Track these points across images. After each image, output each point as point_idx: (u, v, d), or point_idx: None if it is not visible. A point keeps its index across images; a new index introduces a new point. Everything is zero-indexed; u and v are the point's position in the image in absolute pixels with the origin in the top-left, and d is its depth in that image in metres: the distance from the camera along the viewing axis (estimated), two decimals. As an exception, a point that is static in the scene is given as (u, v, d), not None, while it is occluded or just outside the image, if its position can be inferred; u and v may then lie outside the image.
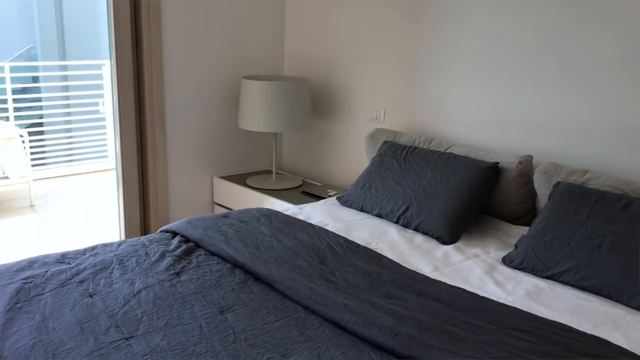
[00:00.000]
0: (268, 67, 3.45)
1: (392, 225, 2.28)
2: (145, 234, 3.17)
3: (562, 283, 1.80)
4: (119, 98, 2.94)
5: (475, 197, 2.21)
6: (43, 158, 5.35)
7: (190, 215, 3.19)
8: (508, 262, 1.94)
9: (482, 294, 1.70)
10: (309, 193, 3.04)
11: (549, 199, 2.04)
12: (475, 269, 1.91)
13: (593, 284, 1.73)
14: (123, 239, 2.08)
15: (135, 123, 3.02)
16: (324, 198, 2.84)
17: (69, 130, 5.60)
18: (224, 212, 2.38)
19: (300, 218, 2.33)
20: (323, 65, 3.27)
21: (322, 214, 2.41)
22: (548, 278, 1.83)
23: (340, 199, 2.55)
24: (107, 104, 5.50)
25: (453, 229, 2.14)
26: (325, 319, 1.53)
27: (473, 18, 2.53)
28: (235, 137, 3.42)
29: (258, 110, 2.98)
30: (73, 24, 7.76)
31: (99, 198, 4.81)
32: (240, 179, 3.28)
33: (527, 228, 2.12)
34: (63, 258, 1.89)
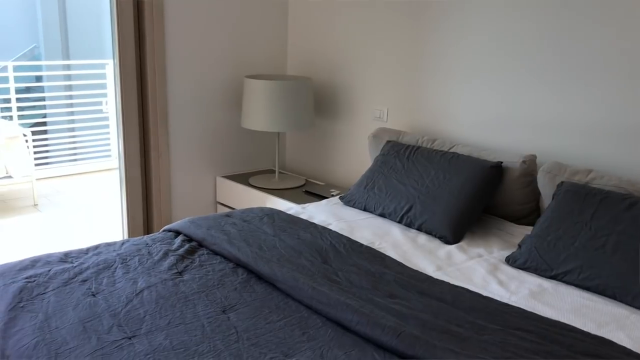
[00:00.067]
0: (271, 66, 3.45)
1: (395, 225, 2.27)
2: (148, 233, 3.16)
3: (566, 283, 1.79)
4: (122, 97, 2.95)
5: (479, 196, 2.20)
6: (46, 157, 5.36)
7: (193, 215, 3.19)
8: (511, 261, 1.94)
9: (485, 294, 1.70)
10: (312, 192, 3.04)
11: (553, 199, 2.03)
12: (479, 269, 1.90)
13: (597, 284, 1.73)
14: (126, 238, 2.08)
15: (139, 122, 3.02)
16: (327, 197, 2.83)
17: (72, 130, 5.61)
18: (227, 211, 2.38)
19: (303, 217, 2.33)
20: (326, 65, 3.26)
21: (324, 214, 2.40)
22: (552, 278, 1.82)
23: (343, 199, 2.54)
24: (110, 104, 5.52)
25: (456, 229, 2.13)
26: (328, 319, 1.53)
27: (475, 18, 2.53)
28: (238, 136, 3.41)
29: (261, 110, 2.98)
30: (76, 24, 7.77)
31: (102, 197, 4.82)
32: (243, 179, 3.28)
33: (530, 228, 2.12)
34: (66, 257, 1.89)
